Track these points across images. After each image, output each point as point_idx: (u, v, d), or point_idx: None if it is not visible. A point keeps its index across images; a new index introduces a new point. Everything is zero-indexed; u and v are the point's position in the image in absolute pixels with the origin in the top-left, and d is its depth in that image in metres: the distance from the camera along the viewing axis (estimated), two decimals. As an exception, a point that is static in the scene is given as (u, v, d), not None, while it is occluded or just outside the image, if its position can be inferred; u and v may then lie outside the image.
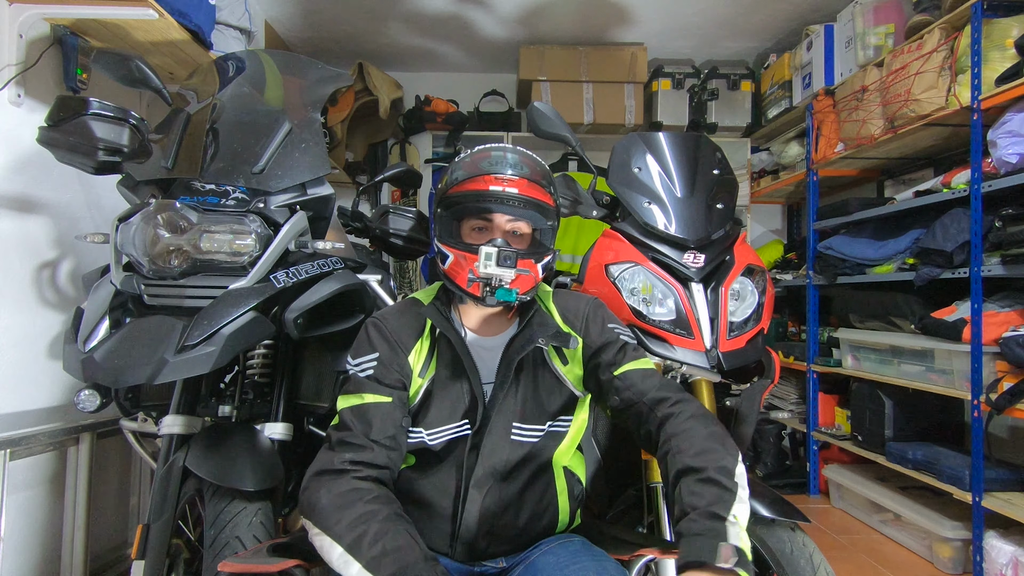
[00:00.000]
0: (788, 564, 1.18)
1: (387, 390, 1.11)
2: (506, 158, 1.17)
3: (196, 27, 1.96)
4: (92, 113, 1.32)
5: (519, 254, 1.10)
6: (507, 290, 1.10)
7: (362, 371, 1.13)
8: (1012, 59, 2.13)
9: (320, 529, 0.96)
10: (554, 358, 1.19)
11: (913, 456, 2.49)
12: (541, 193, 1.16)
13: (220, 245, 1.29)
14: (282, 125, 1.41)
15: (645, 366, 1.16)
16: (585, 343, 1.20)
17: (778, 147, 3.65)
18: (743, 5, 3.25)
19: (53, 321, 1.91)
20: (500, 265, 1.08)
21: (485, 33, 3.58)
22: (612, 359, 1.16)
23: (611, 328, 1.21)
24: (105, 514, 2.10)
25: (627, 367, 1.15)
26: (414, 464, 1.17)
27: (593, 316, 1.22)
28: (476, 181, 1.14)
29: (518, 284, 1.12)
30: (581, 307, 1.24)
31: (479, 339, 1.20)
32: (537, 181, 1.16)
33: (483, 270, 1.08)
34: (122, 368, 1.18)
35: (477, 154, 1.19)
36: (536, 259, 1.16)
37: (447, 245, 1.16)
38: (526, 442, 1.14)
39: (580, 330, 1.21)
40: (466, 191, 1.14)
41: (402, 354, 1.15)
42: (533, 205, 1.14)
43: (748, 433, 1.52)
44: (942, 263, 2.36)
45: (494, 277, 1.09)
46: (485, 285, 1.10)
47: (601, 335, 1.20)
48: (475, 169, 1.15)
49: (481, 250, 1.09)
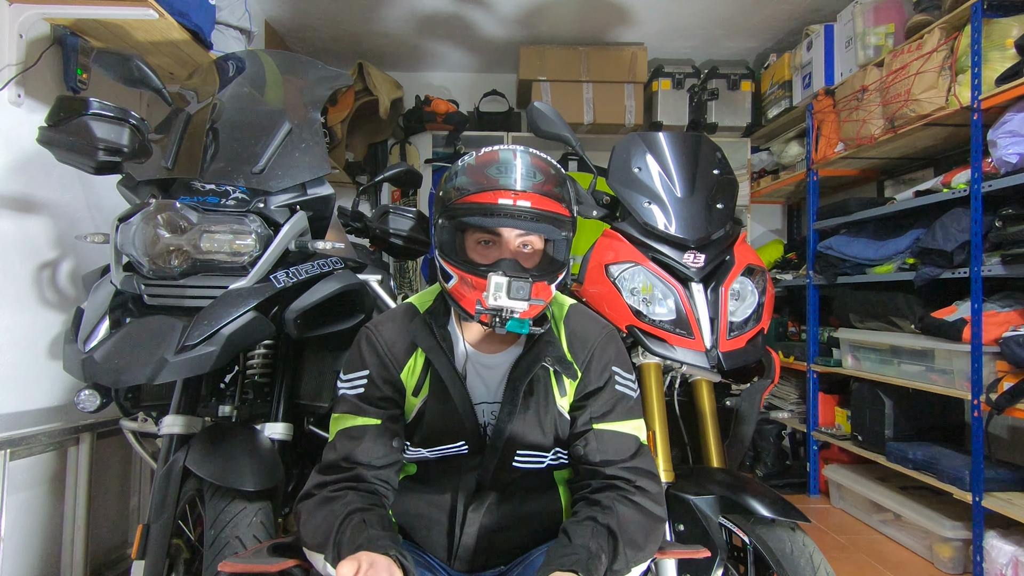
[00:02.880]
0: (788, 564, 1.18)
1: (376, 412, 1.08)
2: (516, 164, 1.04)
3: (196, 27, 1.96)
4: (92, 113, 1.32)
5: (533, 278, 1.00)
6: (519, 321, 1.00)
7: (352, 390, 1.09)
8: (1012, 59, 2.13)
9: (304, 545, 0.99)
10: (554, 386, 1.11)
11: (913, 456, 2.49)
12: (555, 205, 1.04)
13: (220, 245, 1.29)
14: (282, 125, 1.41)
15: (626, 431, 1.09)
16: (582, 379, 1.11)
17: (778, 147, 3.65)
18: (743, 5, 3.25)
19: (53, 321, 1.91)
20: (512, 297, 0.97)
21: (485, 33, 3.58)
22: (599, 410, 1.09)
23: (614, 372, 1.12)
24: (105, 514, 2.10)
25: (607, 426, 1.08)
26: (415, 474, 1.16)
27: (599, 354, 1.12)
28: (483, 194, 1.02)
29: (530, 313, 1.02)
30: (591, 338, 1.13)
31: (480, 355, 1.12)
32: (551, 191, 1.04)
33: (492, 302, 0.98)
34: (122, 368, 1.18)
35: (483, 157, 1.07)
36: (550, 280, 1.05)
37: (451, 264, 1.05)
38: (530, 468, 1.11)
39: (582, 363, 1.11)
40: (471, 203, 1.02)
41: (394, 370, 1.09)
42: (547, 219, 1.03)
43: (748, 433, 1.52)
44: (942, 263, 2.36)
45: (505, 309, 0.99)
46: (494, 316, 1.00)
47: (600, 378, 1.11)
48: (482, 178, 1.03)
49: (491, 279, 0.98)
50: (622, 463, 1.07)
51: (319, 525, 0.97)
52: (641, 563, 0.98)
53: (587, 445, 1.08)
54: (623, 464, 1.07)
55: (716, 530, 1.27)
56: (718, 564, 1.26)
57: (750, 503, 1.24)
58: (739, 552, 1.35)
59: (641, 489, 1.05)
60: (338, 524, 0.95)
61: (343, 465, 1.05)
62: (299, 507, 1.03)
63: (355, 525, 0.94)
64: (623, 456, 1.07)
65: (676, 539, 1.32)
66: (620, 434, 1.09)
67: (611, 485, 1.05)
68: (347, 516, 0.96)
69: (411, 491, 1.15)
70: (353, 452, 1.05)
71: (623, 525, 0.98)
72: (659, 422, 1.43)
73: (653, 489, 1.06)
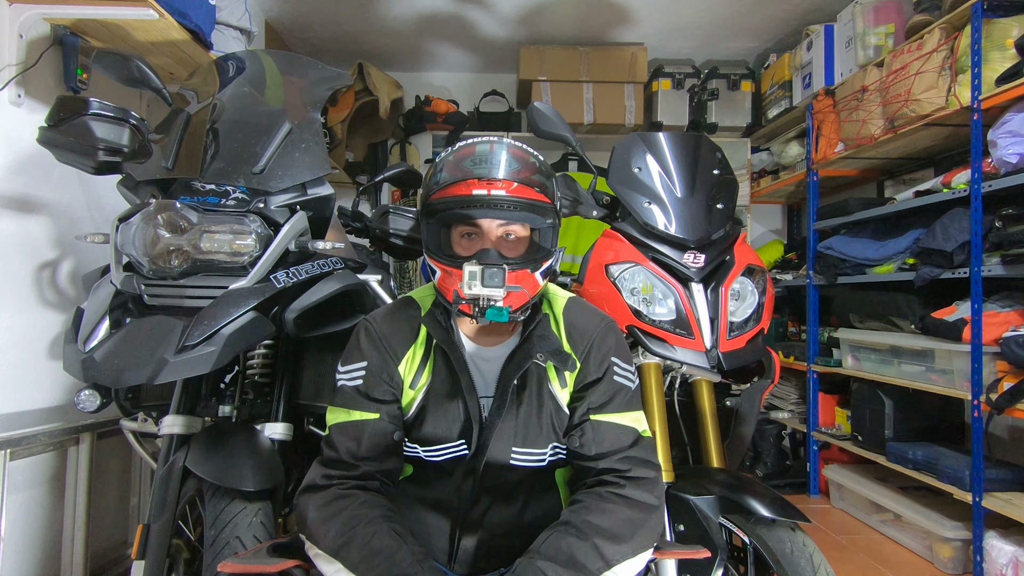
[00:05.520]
0: (788, 564, 1.18)
1: (375, 405, 1.07)
2: (492, 154, 1.04)
3: (196, 27, 1.96)
4: (92, 113, 1.31)
5: (510, 265, 1.00)
6: (498, 309, 0.99)
7: (350, 382, 1.09)
8: (1012, 59, 2.13)
9: (312, 543, 0.97)
10: (553, 379, 1.11)
11: (913, 456, 2.49)
12: (533, 192, 1.03)
13: (220, 245, 1.29)
14: (282, 125, 1.41)
15: (624, 422, 1.08)
16: (581, 370, 1.10)
17: (778, 147, 3.65)
18: (743, 5, 3.25)
19: (53, 321, 1.91)
20: (486, 285, 0.97)
21: (485, 33, 3.58)
22: (597, 401, 1.08)
23: (613, 363, 1.11)
24: (105, 514, 2.10)
25: (605, 417, 1.08)
26: (412, 475, 1.16)
27: (598, 344, 1.11)
28: (458, 185, 1.02)
29: (511, 301, 1.02)
30: (590, 329, 1.12)
31: (478, 349, 1.12)
32: (527, 179, 1.04)
33: (468, 291, 0.98)
34: (122, 368, 1.17)
35: (460, 151, 1.07)
36: (533, 267, 1.04)
37: (433, 258, 1.06)
38: (527, 466, 1.10)
39: (581, 354, 1.10)
40: (448, 197, 1.02)
41: (392, 363, 1.09)
42: (525, 206, 1.02)
43: (748, 433, 1.53)
44: (942, 263, 2.36)
45: (481, 297, 0.99)
46: (474, 305, 1.00)
47: (599, 368, 1.10)
48: (457, 170, 1.03)
49: (465, 269, 0.98)
50: (617, 454, 1.06)
51: (335, 527, 0.95)
52: (628, 558, 0.96)
53: (583, 436, 1.07)
54: (618, 455, 1.06)
55: (716, 530, 1.27)
56: (718, 564, 1.26)
57: (750, 503, 1.24)
58: (739, 552, 1.35)
59: (633, 479, 1.03)
60: (361, 531, 0.94)
61: (348, 461, 1.04)
62: (301, 500, 1.01)
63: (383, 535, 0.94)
64: (619, 447, 1.06)
65: (676, 539, 1.32)
66: (618, 425, 1.08)
67: (601, 480, 1.05)
68: (369, 522, 0.95)
69: (409, 494, 1.14)
70: (356, 447, 1.05)
71: (598, 521, 0.97)
72: (659, 422, 1.43)
73: (649, 475, 1.05)
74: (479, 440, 1.08)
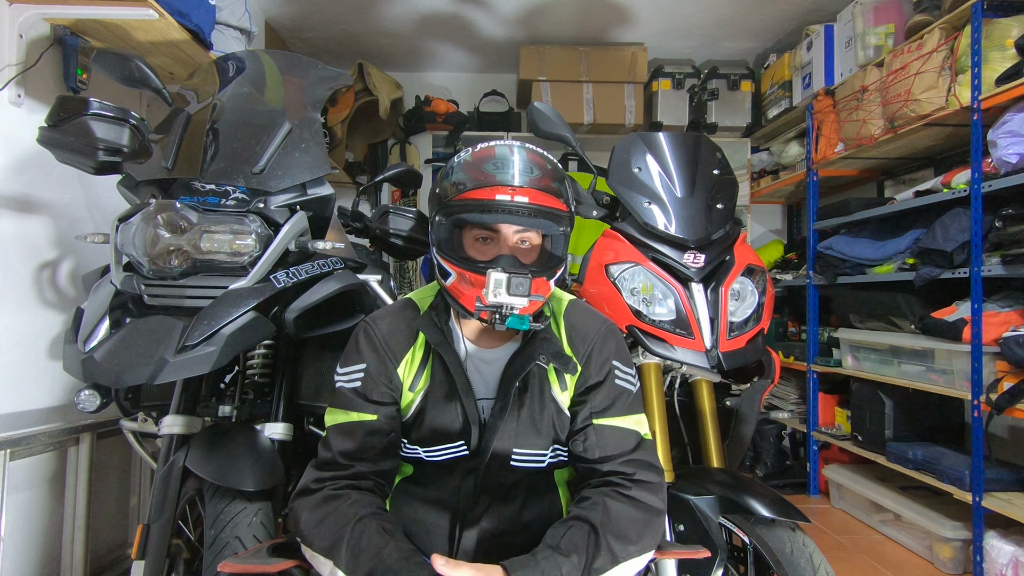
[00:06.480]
0: (788, 564, 1.18)
1: (372, 407, 1.07)
2: (513, 160, 1.04)
3: (196, 27, 1.96)
4: (92, 113, 1.31)
5: (532, 274, 0.99)
6: (519, 317, 0.99)
7: (349, 383, 1.09)
8: (1012, 59, 2.13)
9: (306, 545, 0.98)
10: (553, 382, 1.11)
11: (913, 456, 2.49)
12: (554, 200, 1.04)
13: (220, 245, 1.29)
14: (282, 125, 1.41)
15: (626, 426, 1.09)
16: (581, 374, 1.10)
17: (778, 147, 3.65)
18: (743, 5, 3.25)
19: (53, 321, 1.91)
20: (512, 293, 0.97)
21: (485, 33, 3.58)
22: (599, 405, 1.09)
23: (614, 367, 1.11)
24: (105, 514, 2.10)
25: (607, 421, 1.08)
26: (412, 475, 1.16)
27: (599, 348, 1.11)
28: (481, 190, 1.01)
29: (529, 309, 1.02)
30: (591, 332, 1.13)
31: (479, 351, 1.12)
32: (548, 186, 1.04)
33: (492, 299, 0.98)
34: (122, 368, 1.17)
35: (479, 153, 1.07)
36: (549, 275, 1.05)
37: (448, 260, 1.05)
38: (527, 467, 1.10)
39: (582, 357, 1.11)
40: (469, 200, 1.02)
41: (391, 364, 1.09)
42: (545, 214, 1.03)
43: (748, 433, 1.53)
44: (942, 263, 2.36)
45: (505, 306, 0.99)
46: (494, 312, 1.00)
47: (600, 372, 1.10)
48: (479, 174, 1.03)
49: (490, 276, 0.98)
50: (621, 458, 1.06)
51: (326, 527, 0.96)
52: (634, 556, 0.97)
53: (586, 440, 1.08)
54: (622, 458, 1.06)
55: (716, 530, 1.27)
56: (718, 564, 1.26)
57: (750, 503, 1.24)
58: (739, 552, 1.35)
59: (639, 482, 1.04)
60: (350, 530, 0.94)
61: (341, 462, 1.04)
62: (295, 504, 1.02)
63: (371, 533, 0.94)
64: (623, 451, 1.07)
65: (676, 539, 1.32)
66: (620, 429, 1.09)
67: (607, 481, 1.05)
68: (359, 520, 0.95)
69: (409, 494, 1.14)
70: (351, 448, 1.05)
71: (609, 519, 0.98)
72: (659, 422, 1.43)
73: (653, 480, 1.05)
74: (481, 441, 1.08)
